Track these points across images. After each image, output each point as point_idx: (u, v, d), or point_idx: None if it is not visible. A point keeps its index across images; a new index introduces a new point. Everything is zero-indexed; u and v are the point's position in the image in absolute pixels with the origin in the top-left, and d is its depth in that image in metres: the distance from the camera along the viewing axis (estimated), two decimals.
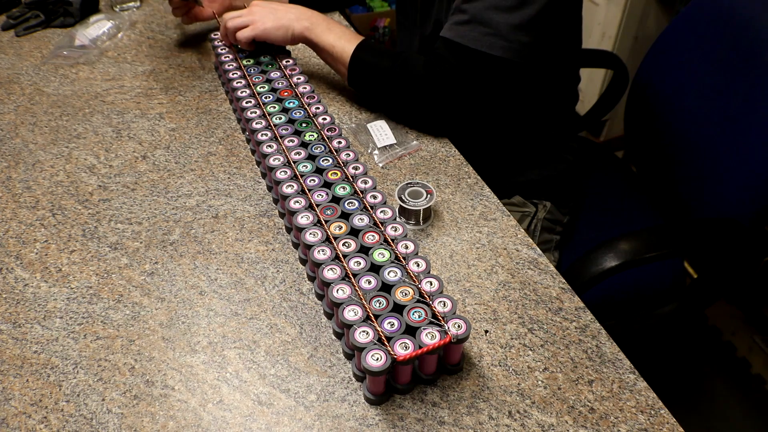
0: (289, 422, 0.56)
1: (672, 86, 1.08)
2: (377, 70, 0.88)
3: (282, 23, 0.92)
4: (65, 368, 0.61)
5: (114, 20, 1.21)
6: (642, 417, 0.56)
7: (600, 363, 0.61)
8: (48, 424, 0.56)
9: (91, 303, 0.68)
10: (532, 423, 0.56)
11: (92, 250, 0.74)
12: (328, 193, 0.69)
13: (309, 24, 0.91)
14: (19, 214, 0.79)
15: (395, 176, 0.84)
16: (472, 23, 0.80)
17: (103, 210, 0.79)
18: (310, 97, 0.87)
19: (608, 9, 1.82)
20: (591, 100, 2.01)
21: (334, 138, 0.79)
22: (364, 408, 0.58)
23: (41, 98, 1.01)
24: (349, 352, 0.61)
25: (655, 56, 1.13)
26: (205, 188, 0.83)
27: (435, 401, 0.58)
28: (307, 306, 0.67)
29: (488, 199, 0.81)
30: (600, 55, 1.31)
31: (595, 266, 0.79)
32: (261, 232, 0.76)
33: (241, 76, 0.92)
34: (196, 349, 0.63)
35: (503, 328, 0.65)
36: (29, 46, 1.16)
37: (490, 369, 0.61)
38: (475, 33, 0.80)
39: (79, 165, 0.87)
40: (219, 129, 0.94)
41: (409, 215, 0.75)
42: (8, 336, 0.64)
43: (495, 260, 0.72)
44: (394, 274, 0.60)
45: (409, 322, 0.55)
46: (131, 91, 1.03)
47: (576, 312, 0.66)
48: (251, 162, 0.87)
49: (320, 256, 0.61)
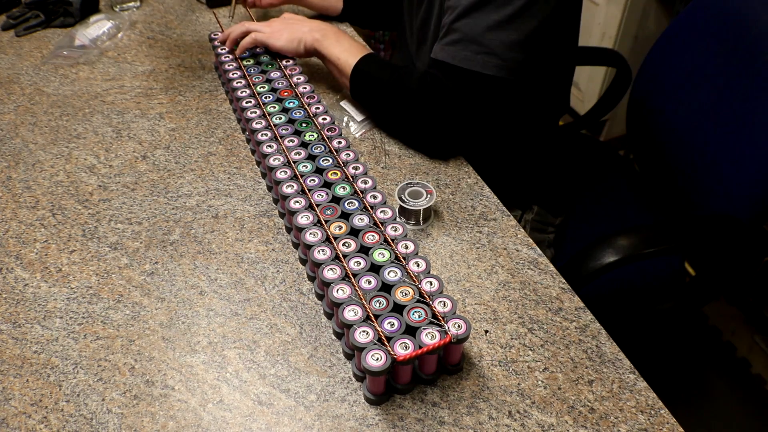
0: (289, 422, 0.56)
1: (673, 85, 1.08)
2: (375, 81, 0.86)
3: (295, 36, 0.93)
4: (65, 368, 0.61)
5: (114, 20, 1.21)
6: (642, 417, 0.56)
7: (600, 363, 0.61)
8: (48, 424, 0.56)
9: (91, 303, 0.68)
10: (532, 423, 0.56)
11: (92, 250, 0.74)
12: (328, 193, 0.70)
13: (320, 36, 0.91)
14: (19, 214, 0.79)
15: (395, 176, 0.84)
16: (463, 42, 0.78)
17: (103, 210, 0.80)
18: (310, 97, 0.87)
19: (608, 9, 1.82)
20: (591, 100, 2.01)
21: (334, 138, 0.79)
22: (364, 408, 0.58)
23: (41, 98, 1.01)
24: (349, 352, 0.61)
25: (655, 56, 1.13)
26: (205, 188, 0.83)
27: (435, 401, 0.58)
28: (307, 306, 0.67)
29: (488, 199, 0.81)
30: (602, 53, 1.31)
31: (593, 261, 0.79)
32: (261, 232, 0.76)
33: (241, 76, 0.92)
34: (196, 349, 0.63)
35: (503, 328, 0.65)
36: (29, 46, 1.16)
37: (490, 369, 0.61)
38: (467, 52, 0.78)
39: (79, 165, 0.87)
40: (219, 129, 0.94)
41: (409, 215, 0.75)
42: (8, 336, 0.64)
43: (495, 260, 0.72)
44: (394, 274, 0.60)
45: (409, 322, 0.55)
46: (131, 91, 1.03)
47: (576, 312, 0.66)
48: (251, 162, 0.87)
49: (320, 256, 0.61)
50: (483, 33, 0.76)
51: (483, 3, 0.76)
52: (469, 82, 0.79)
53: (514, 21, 0.75)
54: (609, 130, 2.09)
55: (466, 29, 0.77)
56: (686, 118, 1.04)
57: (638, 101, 1.18)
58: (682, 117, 1.05)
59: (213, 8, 1.27)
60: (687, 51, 1.05)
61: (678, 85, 1.07)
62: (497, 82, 0.79)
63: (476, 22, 0.77)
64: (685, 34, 1.06)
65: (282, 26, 0.95)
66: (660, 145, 1.13)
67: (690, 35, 1.05)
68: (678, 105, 1.07)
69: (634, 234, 0.83)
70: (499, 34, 0.76)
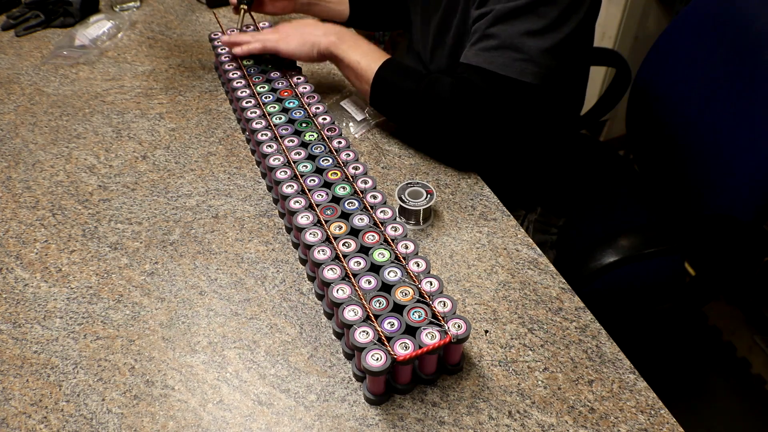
0: (289, 422, 0.56)
1: (673, 85, 1.08)
2: (400, 91, 0.82)
3: (308, 39, 0.88)
4: (65, 368, 0.61)
5: (114, 20, 1.21)
6: (642, 417, 0.56)
7: (600, 363, 0.61)
8: (48, 424, 0.56)
9: (91, 303, 0.68)
10: (532, 423, 0.56)
11: (92, 250, 0.74)
12: (328, 193, 0.69)
13: (336, 39, 0.87)
14: (19, 214, 0.79)
15: (395, 176, 0.84)
16: (502, 48, 0.75)
17: (103, 210, 0.79)
18: (310, 97, 0.87)
19: (608, 9, 1.82)
20: (591, 100, 2.00)
21: (334, 138, 0.79)
22: (364, 408, 0.58)
23: (41, 98, 1.01)
24: (349, 352, 0.61)
25: (655, 56, 1.13)
26: (205, 188, 0.83)
27: (435, 401, 0.58)
28: (307, 306, 0.67)
29: (488, 199, 0.81)
30: (602, 53, 1.31)
31: (594, 262, 0.79)
32: (261, 232, 0.76)
33: (241, 76, 0.92)
34: (196, 349, 0.63)
35: (503, 328, 0.64)
36: (29, 46, 1.16)
37: (490, 369, 0.61)
38: (504, 59, 0.75)
39: (79, 165, 0.87)
40: (219, 129, 0.94)
41: (409, 215, 0.75)
42: (8, 336, 0.64)
43: (495, 260, 0.72)
44: (394, 274, 0.60)
45: (409, 322, 0.55)
46: (131, 91, 1.03)
47: (576, 312, 0.66)
48: (251, 162, 0.87)
49: (320, 256, 0.61)
50: (522, 40, 0.74)
51: (521, 10, 0.74)
52: (506, 88, 0.76)
53: (550, 29, 0.74)
54: (609, 130, 2.08)
55: (504, 35, 0.75)
56: (686, 118, 1.04)
57: (638, 101, 1.18)
58: (682, 117, 1.05)
59: (213, 8, 1.27)
60: (687, 51, 1.05)
61: (678, 85, 1.07)
62: (531, 89, 0.77)
63: (514, 27, 0.74)
64: (685, 34, 1.06)
65: (291, 30, 0.91)
66: (660, 145, 1.13)
67: (690, 35, 1.05)
68: (678, 105, 1.07)
69: (634, 234, 0.83)
70: (537, 41, 0.74)
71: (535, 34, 0.74)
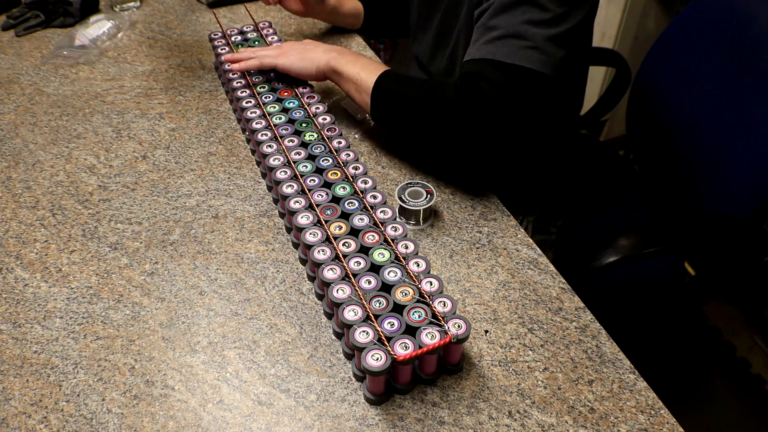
0: (289, 422, 0.56)
1: (672, 85, 1.08)
2: (401, 98, 0.78)
3: (308, 56, 0.87)
4: (65, 368, 0.61)
5: (114, 20, 1.21)
6: (642, 417, 0.56)
7: (600, 363, 0.61)
8: (48, 424, 0.56)
9: (91, 303, 0.68)
10: (532, 423, 0.56)
11: (92, 250, 0.74)
12: (328, 193, 0.69)
13: (336, 54, 0.86)
14: (19, 214, 0.79)
15: (395, 176, 0.84)
16: (505, 38, 0.73)
17: (103, 210, 0.80)
18: (310, 97, 0.87)
19: (608, 9, 1.82)
20: (591, 100, 2.00)
21: (334, 138, 0.79)
22: (364, 408, 0.58)
23: (41, 98, 1.01)
24: (349, 352, 0.61)
25: (655, 56, 1.13)
26: (205, 188, 0.83)
27: (435, 401, 0.58)
28: (307, 306, 0.67)
29: (488, 199, 0.81)
30: (602, 53, 1.31)
31: (594, 261, 0.79)
32: (261, 232, 0.76)
33: (241, 76, 0.92)
34: (196, 349, 0.63)
35: (503, 328, 0.64)
36: (29, 46, 1.16)
37: (490, 369, 0.61)
38: (508, 47, 0.72)
39: (79, 165, 0.87)
40: (219, 129, 0.94)
41: (409, 215, 0.75)
42: (8, 336, 0.64)
43: (495, 260, 0.72)
44: (394, 274, 0.60)
45: (409, 322, 0.55)
46: (131, 91, 1.03)
47: (576, 312, 0.66)
48: (251, 162, 0.87)
49: (320, 256, 0.61)
50: (525, 27, 0.72)
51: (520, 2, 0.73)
52: (512, 78, 0.73)
53: (558, 19, 0.72)
54: (609, 130, 2.09)
55: (506, 24, 0.73)
56: (686, 118, 1.04)
57: (638, 101, 1.18)
58: (682, 117, 1.05)
59: (213, 8, 1.27)
60: (687, 51, 1.05)
61: (678, 85, 1.07)
62: (540, 78, 0.73)
63: (516, 17, 0.73)
64: (685, 34, 1.06)
65: (291, 47, 0.90)
66: (660, 145, 1.13)
67: (690, 35, 1.05)
68: (678, 105, 1.07)
69: (634, 234, 0.83)
70: (541, 29, 0.72)
71: (540, 24, 0.72)
